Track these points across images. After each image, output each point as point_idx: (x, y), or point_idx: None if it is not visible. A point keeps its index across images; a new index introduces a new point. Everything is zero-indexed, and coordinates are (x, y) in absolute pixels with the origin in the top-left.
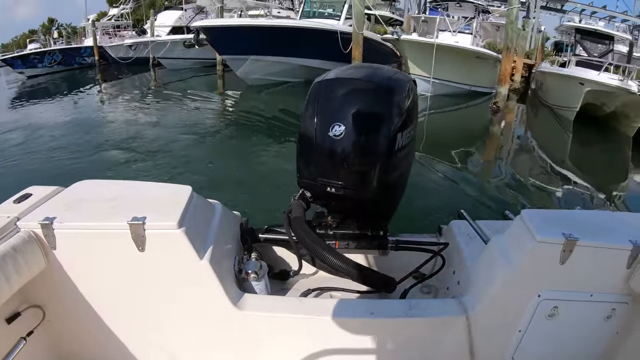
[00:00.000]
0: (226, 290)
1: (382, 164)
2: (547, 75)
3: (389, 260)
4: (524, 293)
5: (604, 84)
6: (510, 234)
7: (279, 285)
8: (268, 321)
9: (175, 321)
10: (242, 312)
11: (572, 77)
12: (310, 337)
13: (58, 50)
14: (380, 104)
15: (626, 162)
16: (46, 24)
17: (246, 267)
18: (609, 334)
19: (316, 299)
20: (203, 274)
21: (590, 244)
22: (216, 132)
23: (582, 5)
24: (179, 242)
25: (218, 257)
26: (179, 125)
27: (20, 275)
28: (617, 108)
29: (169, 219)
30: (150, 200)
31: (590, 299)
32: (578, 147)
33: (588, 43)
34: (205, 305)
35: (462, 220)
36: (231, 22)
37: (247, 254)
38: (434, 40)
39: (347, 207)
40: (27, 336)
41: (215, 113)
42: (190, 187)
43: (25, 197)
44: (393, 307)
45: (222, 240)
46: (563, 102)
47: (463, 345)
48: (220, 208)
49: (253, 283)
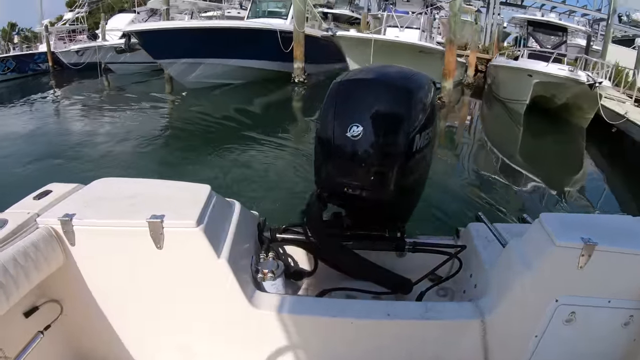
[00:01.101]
0: (243, 289)
1: (400, 165)
2: (498, 69)
3: (406, 261)
4: (542, 298)
5: (552, 74)
6: (529, 238)
7: (295, 285)
8: (284, 321)
9: (192, 319)
10: (259, 311)
11: (521, 69)
12: (326, 337)
13: (12, 57)
14: (399, 105)
15: (579, 154)
16: (6, 29)
17: (263, 266)
18: (626, 341)
19: (332, 299)
20: (220, 272)
21: (609, 249)
22: (158, 137)
23: (541, 0)
24: (197, 240)
25: (235, 256)
26: (121, 132)
27: (39, 270)
28: (569, 100)
29: (188, 217)
30: (169, 198)
31: (608, 305)
32: (529, 141)
33: (540, 35)
34: (222, 303)
35: (480, 223)
36: (162, 25)
37: (264, 253)
38: (371, 35)
39: (364, 208)
40: (45, 330)
41: (163, 116)
42: (209, 186)
43: (45, 193)
44: (409, 309)
45: (239, 239)
46: (514, 95)
47: (478, 349)
48: (239, 207)
49: (270, 282)
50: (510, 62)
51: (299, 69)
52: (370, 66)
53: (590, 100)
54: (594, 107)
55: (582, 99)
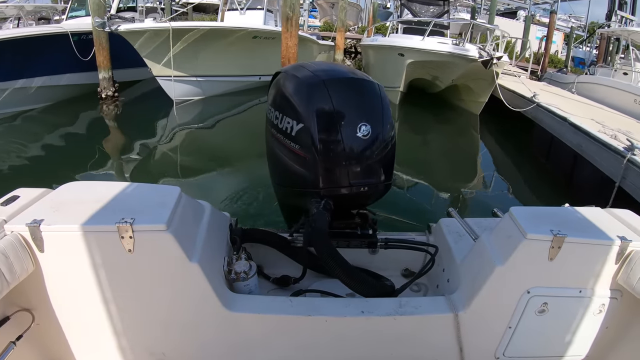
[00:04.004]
0: (216, 291)
1: (393, 154)
2: (367, 50)
3: (379, 258)
4: (513, 290)
5: (430, 51)
6: (499, 231)
7: (269, 286)
8: (258, 321)
9: (165, 323)
10: (232, 313)
11: (390, 47)
12: (301, 337)
13: None
14: (383, 98)
15: (474, 147)
16: None
17: (236, 267)
18: (599, 329)
19: (306, 298)
20: (192, 274)
21: (579, 241)
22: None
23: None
24: (168, 243)
25: (207, 257)
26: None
27: (8, 278)
28: (457, 81)
29: (158, 220)
30: (139, 201)
31: (580, 294)
32: (403, 140)
33: (417, 5)
34: (195, 306)
35: (451, 219)
36: None
37: (236, 254)
38: (168, 24)
39: (367, 204)
40: (17, 340)
41: None
42: (178, 187)
43: (12, 199)
44: (383, 306)
45: (211, 240)
46: (386, 81)
47: (453, 343)
48: (209, 208)
49: (242, 283)
50: (376, 39)
51: (106, 79)
52: (318, 64)
53: (484, 81)
54: (488, 90)
55: (471, 79)
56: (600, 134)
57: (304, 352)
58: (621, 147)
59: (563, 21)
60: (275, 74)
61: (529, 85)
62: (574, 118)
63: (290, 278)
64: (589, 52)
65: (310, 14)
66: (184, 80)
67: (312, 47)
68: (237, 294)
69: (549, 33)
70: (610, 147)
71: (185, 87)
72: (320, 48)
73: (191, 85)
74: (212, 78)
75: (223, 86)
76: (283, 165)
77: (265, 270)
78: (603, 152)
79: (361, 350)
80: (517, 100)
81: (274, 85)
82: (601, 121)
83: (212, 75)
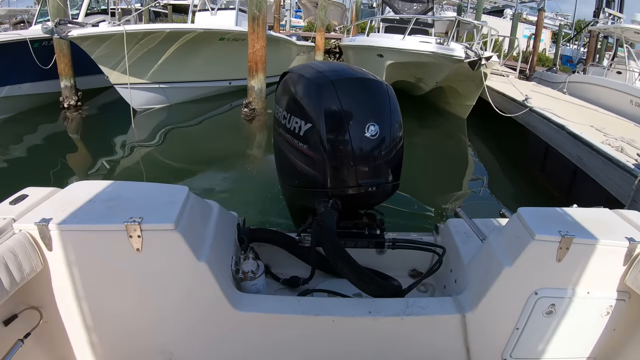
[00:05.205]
0: (223, 290)
1: (401, 154)
2: (348, 50)
3: (386, 258)
4: (521, 291)
5: (411, 51)
6: (507, 232)
7: (276, 285)
8: (266, 321)
9: (173, 322)
10: (240, 313)
11: (368, 47)
12: (308, 336)
13: None
14: (391, 98)
15: (463, 154)
16: None
17: (243, 267)
18: (606, 331)
19: (313, 298)
20: (200, 274)
21: (587, 242)
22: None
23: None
24: (176, 242)
25: (215, 257)
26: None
27: (17, 277)
28: (441, 83)
29: (166, 219)
30: (147, 200)
31: (587, 296)
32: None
33: (399, 2)
34: (202, 305)
35: (459, 219)
36: None
37: (244, 253)
38: (120, 28)
39: (375, 204)
40: (25, 338)
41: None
42: (187, 187)
43: (21, 198)
44: (390, 306)
45: (219, 240)
46: None
47: (460, 344)
48: (217, 208)
49: (250, 283)
50: (356, 38)
51: (68, 88)
52: (326, 64)
53: (471, 82)
54: (475, 92)
55: (457, 81)
56: (605, 146)
57: (311, 352)
58: (631, 164)
59: (550, 19)
60: (282, 74)
61: (518, 87)
62: (572, 125)
63: (299, 279)
64: (577, 50)
65: (295, 14)
66: (145, 88)
67: (289, 48)
68: (245, 294)
69: (537, 31)
70: (618, 164)
71: (148, 94)
72: (299, 49)
73: (154, 92)
74: (177, 84)
75: (189, 92)
76: (291, 164)
77: (273, 269)
78: (609, 168)
79: (368, 350)
80: (507, 103)
81: (282, 85)
82: (601, 128)
83: (176, 82)
